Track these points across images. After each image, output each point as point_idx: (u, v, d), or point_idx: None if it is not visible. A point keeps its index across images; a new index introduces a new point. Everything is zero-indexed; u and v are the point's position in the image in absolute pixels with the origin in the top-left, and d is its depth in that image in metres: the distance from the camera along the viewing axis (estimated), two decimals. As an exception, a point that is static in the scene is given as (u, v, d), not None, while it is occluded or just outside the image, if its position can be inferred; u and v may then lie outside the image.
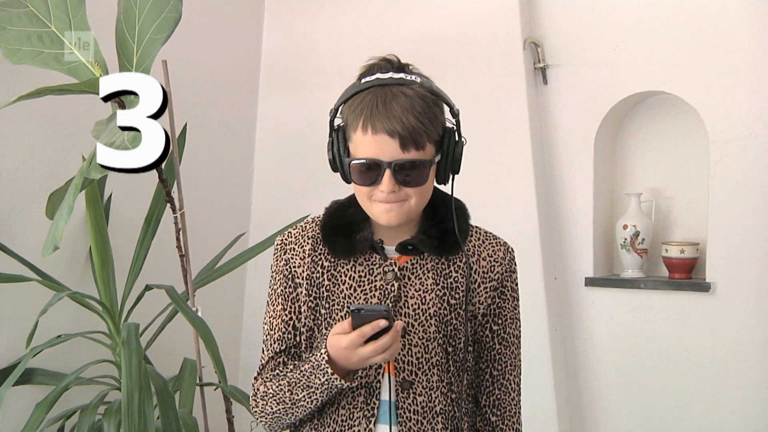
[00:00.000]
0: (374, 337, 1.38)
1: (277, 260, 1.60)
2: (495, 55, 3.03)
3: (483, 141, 3.00)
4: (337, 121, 1.52)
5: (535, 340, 2.89)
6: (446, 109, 1.52)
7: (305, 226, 1.61)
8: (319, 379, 1.46)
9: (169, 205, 2.46)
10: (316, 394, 1.48)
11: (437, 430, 1.52)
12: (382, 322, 1.37)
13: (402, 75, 1.47)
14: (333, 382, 1.44)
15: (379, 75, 1.47)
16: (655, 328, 2.89)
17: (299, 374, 1.49)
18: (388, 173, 1.44)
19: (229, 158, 3.35)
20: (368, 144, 1.45)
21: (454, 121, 1.52)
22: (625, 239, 2.97)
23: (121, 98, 2.23)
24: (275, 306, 1.59)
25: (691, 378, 2.81)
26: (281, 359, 1.56)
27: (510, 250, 1.62)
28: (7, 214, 2.34)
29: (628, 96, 2.94)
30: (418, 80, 1.47)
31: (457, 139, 1.51)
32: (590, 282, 2.99)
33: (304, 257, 1.57)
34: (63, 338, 2.35)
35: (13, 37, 2.20)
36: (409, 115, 1.42)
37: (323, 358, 1.44)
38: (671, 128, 3.02)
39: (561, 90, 3.03)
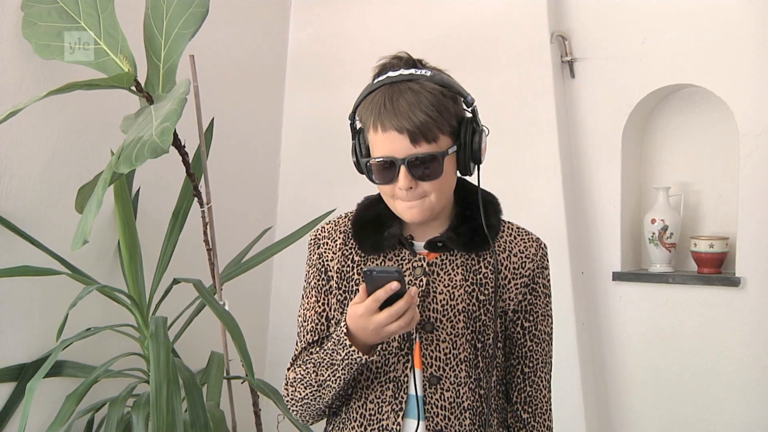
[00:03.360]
0: (390, 304, 1.38)
1: (311, 254, 1.63)
2: (522, 48, 3.01)
3: (510, 135, 3.00)
4: (358, 124, 1.53)
5: (562, 334, 2.86)
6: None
7: (338, 221, 1.63)
8: (340, 354, 1.46)
9: (196, 199, 2.48)
10: (339, 372, 1.47)
11: (465, 425, 1.52)
12: (394, 284, 1.36)
13: (412, 71, 1.48)
14: (352, 355, 1.44)
15: (390, 73, 1.48)
16: (684, 323, 2.86)
17: (323, 353, 1.50)
18: (403, 169, 1.45)
19: (255, 152, 3.36)
20: (381, 142, 1.46)
21: (472, 111, 1.51)
22: (653, 233, 2.95)
23: (148, 93, 2.25)
24: (309, 298, 1.61)
25: (721, 373, 2.79)
26: (314, 350, 1.57)
27: (542, 246, 1.61)
28: (37, 208, 2.37)
29: (656, 89, 2.91)
30: (428, 74, 1.47)
31: (475, 128, 1.50)
32: (618, 276, 2.97)
33: (336, 251, 1.59)
34: (92, 331, 2.37)
35: (43, 32, 2.22)
36: (417, 110, 1.43)
37: (342, 330, 1.45)
38: (700, 121, 2.98)
39: (588, 83, 3.01)
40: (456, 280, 1.54)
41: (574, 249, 2.97)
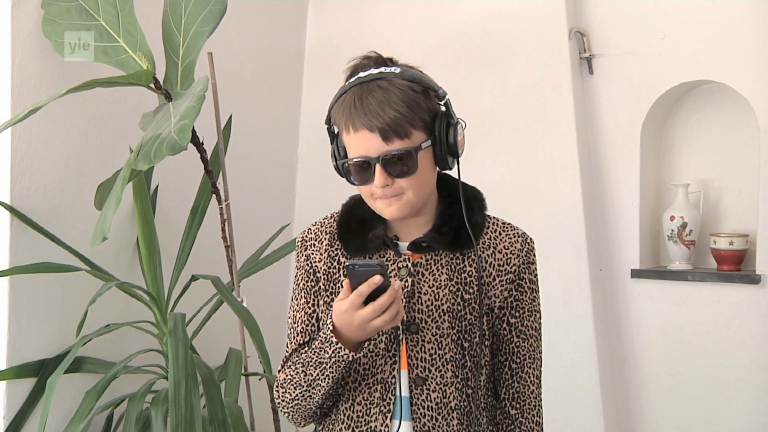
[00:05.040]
0: (375, 299, 1.38)
1: (298, 257, 1.63)
2: (540, 44, 3.00)
3: (529, 132, 2.99)
4: (335, 129, 1.55)
5: (581, 331, 2.87)
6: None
7: (324, 222, 1.64)
8: (327, 352, 1.45)
9: (214, 196, 2.49)
10: (327, 370, 1.47)
11: (452, 425, 1.52)
12: (377, 278, 1.36)
13: (381, 69, 1.49)
14: (339, 352, 1.43)
15: (360, 74, 1.50)
16: (703, 320, 2.85)
17: (311, 352, 1.50)
18: (378, 168, 1.46)
19: (273, 149, 3.36)
20: (354, 143, 1.48)
21: (445, 105, 1.51)
22: (673, 230, 2.93)
23: (167, 90, 2.26)
24: (299, 300, 1.61)
25: (740, 371, 2.77)
26: (303, 351, 1.57)
27: (528, 240, 1.59)
28: (57, 205, 2.38)
29: (675, 85, 2.89)
30: (397, 71, 1.48)
31: (449, 121, 1.49)
32: (636, 274, 2.95)
33: (323, 252, 1.59)
34: (111, 327, 2.39)
35: (63, 30, 2.23)
36: (386, 107, 1.43)
37: (328, 328, 1.44)
38: (720, 118, 2.96)
39: (607, 80, 2.99)
40: (441, 280, 1.53)
41: (593, 246, 2.95)
